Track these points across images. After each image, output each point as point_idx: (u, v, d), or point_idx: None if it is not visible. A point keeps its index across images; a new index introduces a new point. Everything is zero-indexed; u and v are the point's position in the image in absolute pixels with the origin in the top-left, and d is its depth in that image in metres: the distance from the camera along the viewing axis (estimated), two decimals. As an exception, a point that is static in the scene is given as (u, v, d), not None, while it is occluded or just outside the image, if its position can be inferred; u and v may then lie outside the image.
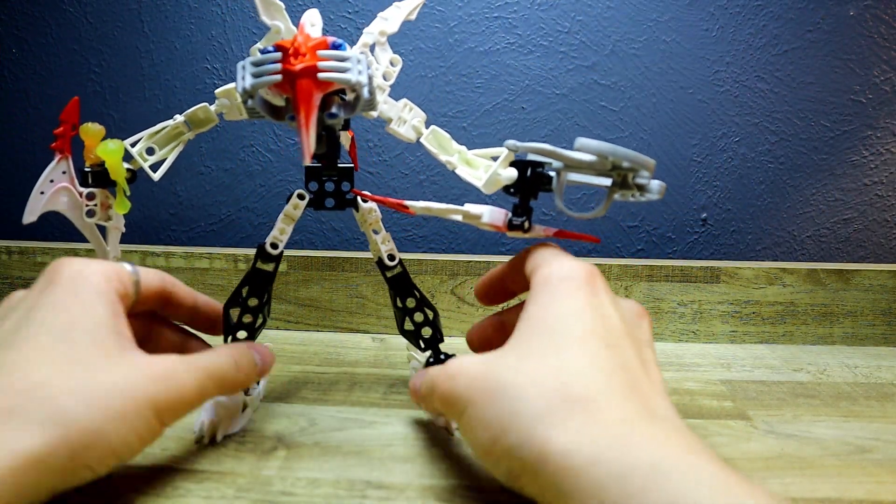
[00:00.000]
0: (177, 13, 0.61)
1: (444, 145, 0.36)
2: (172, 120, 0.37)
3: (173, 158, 0.37)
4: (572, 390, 0.25)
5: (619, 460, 0.22)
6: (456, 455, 0.33)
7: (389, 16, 0.36)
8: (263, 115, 0.30)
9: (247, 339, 0.37)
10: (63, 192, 0.36)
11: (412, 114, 0.36)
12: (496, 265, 0.56)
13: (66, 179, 0.36)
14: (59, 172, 0.36)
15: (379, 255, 0.39)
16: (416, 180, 0.62)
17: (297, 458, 0.33)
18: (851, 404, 0.42)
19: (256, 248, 0.37)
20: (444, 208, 0.33)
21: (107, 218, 0.38)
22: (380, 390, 0.42)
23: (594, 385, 0.25)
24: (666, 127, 0.61)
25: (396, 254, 0.39)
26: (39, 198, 0.35)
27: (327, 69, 0.28)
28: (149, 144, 0.37)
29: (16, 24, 0.63)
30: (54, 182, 0.36)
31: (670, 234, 0.62)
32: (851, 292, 0.55)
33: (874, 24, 0.58)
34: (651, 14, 0.59)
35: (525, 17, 0.60)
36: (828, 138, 0.60)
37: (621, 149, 0.28)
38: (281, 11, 0.32)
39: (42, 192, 0.36)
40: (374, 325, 0.56)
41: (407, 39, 0.60)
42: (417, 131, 0.36)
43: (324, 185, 0.38)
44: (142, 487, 0.29)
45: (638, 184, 0.29)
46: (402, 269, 0.39)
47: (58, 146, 0.36)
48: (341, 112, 0.31)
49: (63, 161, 0.36)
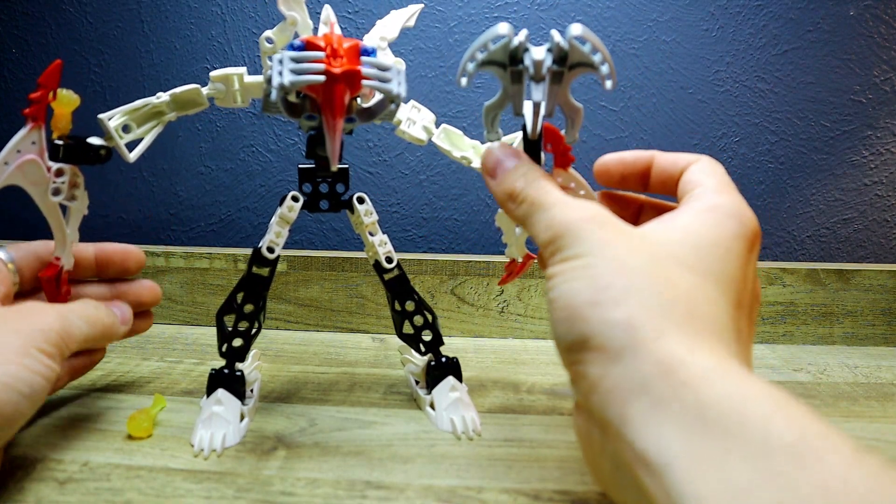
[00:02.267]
0: (177, 13, 0.61)
1: (457, 142, 0.36)
2: (156, 97, 0.34)
3: (151, 139, 0.34)
4: (698, 312, 0.23)
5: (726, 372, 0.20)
6: (456, 455, 0.33)
7: (389, 22, 0.36)
8: (279, 111, 0.30)
9: (242, 348, 0.36)
10: (30, 164, 0.32)
11: (421, 115, 0.36)
12: (496, 265, 0.57)
13: (36, 151, 0.32)
14: (29, 143, 0.32)
15: (376, 257, 0.38)
16: (416, 180, 0.62)
17: (297, 458, 0.33)
18: (851, 404, 0.42)
19: (252, 252, 0.36)
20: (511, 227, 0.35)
21: (72, 198, 0.34)
22: (380, 390, 0.42)
23: (722, 329, 0.23)
24: (666, 127, 0.61)
25: (394, 256, 0.39)
26: (3, 168, 0.31)
27: (371, 76, 0.27)
28: (125, 121, 0.33)
29: (16, 24, 0.63)
30: (21, 153, 0.31)
31: (670, 234, 0.62)
32: (851, 292, 0.55)
33: (874, 24, 0.58)
34: (651, 14, 0.59)
35: (525, 17, 0.60)
36: (828, 138, 0.60)
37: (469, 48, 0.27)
38: (300, 4, 0.32)
39: (6, 163, 0.31)
40: (374, 325, 0.56)
41: (407, 39, 0.60)
42: (428, 131, 0.36)
43: (318, 187, 0.37)
44: (142, 487, 0.29)
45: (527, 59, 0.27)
46: (400, 272, 0.39)
47: (31, 112, 0.31)
48: (358, 119, 0.31)
49: (35, 130, 0.32)
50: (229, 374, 0.35)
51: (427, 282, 0.55)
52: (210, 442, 0.33)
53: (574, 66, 0.27)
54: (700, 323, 0.23)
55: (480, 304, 0.55)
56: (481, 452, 0.34)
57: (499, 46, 0.27)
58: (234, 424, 0.35)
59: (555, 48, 0.26)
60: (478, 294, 0.55)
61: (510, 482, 0.31)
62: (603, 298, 0.22)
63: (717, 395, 0.20)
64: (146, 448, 0.33)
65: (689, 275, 0.24)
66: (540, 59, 0.27)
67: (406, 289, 0.39)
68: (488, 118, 0.29)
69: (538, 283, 0.55)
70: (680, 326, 0.22)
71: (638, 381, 0.21)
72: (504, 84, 0.28)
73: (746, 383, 0.20)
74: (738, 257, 0.25)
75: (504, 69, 0.28)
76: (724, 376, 0.20)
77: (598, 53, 0.26)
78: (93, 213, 0.36)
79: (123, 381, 0.43)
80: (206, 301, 0.56)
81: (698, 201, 0.27)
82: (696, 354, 0.21)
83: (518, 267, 0.38)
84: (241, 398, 0.36)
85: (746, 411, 0.19)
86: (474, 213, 0.63)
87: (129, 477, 0.30)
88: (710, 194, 0.27)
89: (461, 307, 0.55)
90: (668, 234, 0.25)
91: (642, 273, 0.23)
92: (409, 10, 0.37)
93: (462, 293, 0.55)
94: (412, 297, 0.39)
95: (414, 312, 0.39)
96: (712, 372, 0.20)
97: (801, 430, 0.18)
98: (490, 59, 0.27)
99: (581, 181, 0.32)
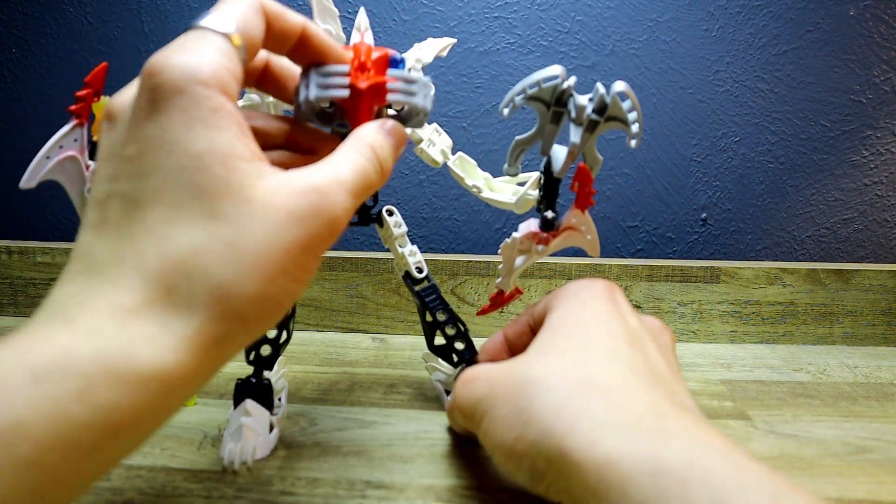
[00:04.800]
0: (177, 13, 0.61)
1: (470, 172, 0.38)
2: None
3: None
4: (595, 379, 0.24)
5: (652, 452, 0.21)
6: (456, 455, 0.33)
7: (425, 47, 0.38)
8: (311, 120, 0.30)
9: (270, 357, 0.36)
10: (70, 161, 0.33)
11: (441, 138, 0.37)
12: (496, 265, 0.57)
13: (77, 148, 0.33)
14: (72, 140, 0.32)
15: (406, 268, 0.38)
16: (416, 180, 0.62)
17: (297, 458, 0.33)
18: (851, 404, 0.42)
19: None
20: (511, 258, 0.35)
21: None
22: (380, 390, 0.42)
23: (618, 375, 0.24)
24: (666, 127, 0.61)
25: (424, 266, 0.38)
26: (44, 163, 0.32)
27: (396, 90, 0.28)
28: None
29: (16, 24, 0.63)
30: (63, 149, 0.32)
31: (670, 234, 0.62)
32: (851, 292, 0.55)
33: (874, 24, 0.58)
34: (651, 14, 0.59)
35: (525, 17, 0.60)
36: (828, 138, 0.60)
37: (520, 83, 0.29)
38: (335, 18, 0.33)
39: (48, 157, 0.32)
40: (374, 325, 0.56)
41: (407, 39, 0.60)
42: (445, 155, 0.37)
43: None
44: (142, 487, 0.29)
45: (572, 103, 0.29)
46: (430, 282, 0.39)
47: (77, 109, 0.32)
48: None
49: (78, 128, 0.32)
50: (257, 384, 0.35)
51: (427, 282, 0.55)
52: (240, 455, 0.32)
53: (609, 119, 0.29)
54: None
55: (480, 303, 0.55)
56: (481, 452, 0.34)
57: (549, 86, 0.29)
58: (263, 436, 0.33)
59: (597, 99, 0.28)
60: (478, 294, 0.55)
61: (510, 482, 0.31)
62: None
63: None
64: (146, 448, 0.33)
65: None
66: (583, 105, 0.29)
67: (438, 299, 0.39)
68: (514, 152, 0.31)
69: (538, 282, 0.55)
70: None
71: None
72: (541, 122, 0.30)
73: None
74: (610, 314, 0.28)
75: (547, 108, 0.30)
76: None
77: (634, 112, 0.28)
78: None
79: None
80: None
81: (553, 303, 0.30)
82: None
83: (504, 299, 0.39)
84: (270, 408, 0.35)
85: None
86: (474, 213, 0.63)
87: (130, 477, 0.30)
88: (557, 291, 0.30)
89: (461, 307, 0.55)
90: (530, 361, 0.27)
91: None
92: (444, 42, 0.39)
93: (462, 293, 0.55)
94: (444, 307, 0.39)
95: (445, 322, 0.38)
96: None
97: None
98: (537, 96, 0.29)
99: (591, 225, 0.33)
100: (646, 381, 0.24)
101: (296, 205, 0.21)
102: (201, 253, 0.20)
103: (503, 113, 0.29)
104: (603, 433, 0.22)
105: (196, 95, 0.21)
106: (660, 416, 0.22)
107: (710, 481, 0.19)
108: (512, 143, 0.31)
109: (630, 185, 0.62)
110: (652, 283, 0.55)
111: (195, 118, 0.21)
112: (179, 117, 0.21)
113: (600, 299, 0.28)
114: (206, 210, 0.20)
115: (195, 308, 0.20)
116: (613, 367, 0.25)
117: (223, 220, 0.20)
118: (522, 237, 0.33)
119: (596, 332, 0.27)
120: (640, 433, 0.21)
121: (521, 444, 0.24)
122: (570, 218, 0.32)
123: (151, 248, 0.20)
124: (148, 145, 0.21)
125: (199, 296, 0.20)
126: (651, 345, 0.27)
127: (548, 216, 0.32)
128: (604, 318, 0.27)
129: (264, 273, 0.21)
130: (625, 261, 0.56)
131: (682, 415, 0.23)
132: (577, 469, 0.22)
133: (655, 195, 0.62)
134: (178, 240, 0.20)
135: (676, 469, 0.20)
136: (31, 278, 0.57)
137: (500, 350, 0.34)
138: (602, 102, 0.29)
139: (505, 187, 0.37)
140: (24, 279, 0.58)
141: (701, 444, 0.21)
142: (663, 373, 0.26)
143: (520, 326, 0.34)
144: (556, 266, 0.55)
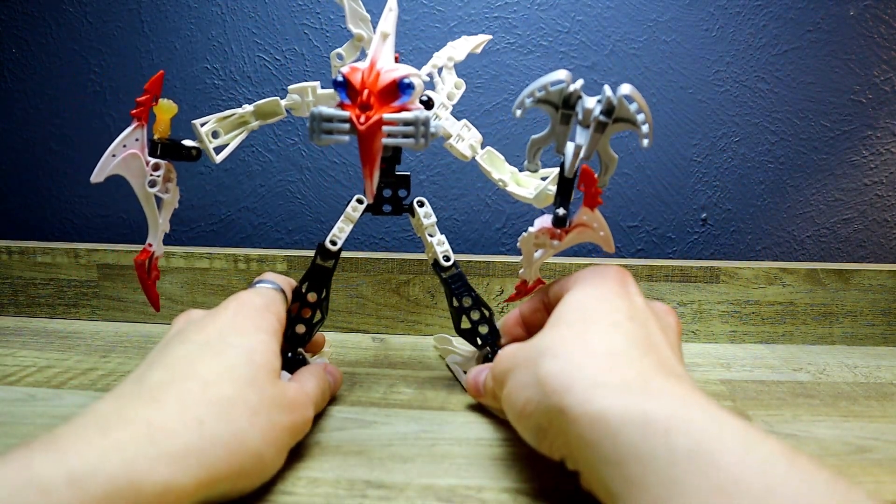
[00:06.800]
0: (177, 13, 0.61)
1: (498, 166, 0.39)
2: (241, 108, 0.39)
3: (235, 145, 0.39)
4: (594, 347, 0.27)
5: (638, 407, 0.23)
6: (455, 455, 0.33)
7: (458, 45, 0.39)
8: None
9: (305, 335, 0.39)
10: (133, 158, 0.37)
11: (470, 133, 0.38)
12: (496, 265, 0.57)
13: (138, 147, 0.37)
14: (133, 139, 0.37)
15: (435, 256, 0.40)
16: (416, 180, 0.62)
17: (296, 457, 0.33)
18: (851, 404, 0.42)
19: (317, 246, 0.38)
20: (530, 251, 0.37)
21: (165, 191, 0.39)
22: (380, 390, 0.42)
23: (615, 344, 0.27)
24: (666, 127, 0.61)
25: (451, 255, 0.40)
26: (111, 160, 0.36)
27: (393, 134, 0.30)
28: (214, 127, 0.38)
29: (16, 24, 0.63)
30: (127, 147, 0.37)
31: (670, 234, 0.63)
32: (851, 292, 0.55)
33: (874, 24, 0.58)
34: (651, 14, 0.59)
35: (525, 17, 0.60)
36: (828, 138, 0.60)
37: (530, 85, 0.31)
38: (367, 22, 0.35)
39: (114, 155, 0.36)
40: (374, 325, 0.56)
41: (407, 39, 0.60)
42: (474, 150, 0.38)
43: (381, 192, 0.40)
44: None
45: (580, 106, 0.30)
46: (457, 270, 0.40)
47: (138, 113, 0.37)
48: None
49: (139, 129, 0.37)
50: (292, 358, 0.38)
51: (427, 281, 0.55)
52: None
53: (618, 121, 0.30)
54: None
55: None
56: (481, 452, 0.34)
57: (556, 90, 0.30)
58: None
59: (605, 101, 0.30)
60: (478, 294, 0.55)
61: (510, 482, 0.31)
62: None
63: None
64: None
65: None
66: (590, 108, 0.30)
67: (464, 285, 0.40)
68: (532, 150, 0.33)
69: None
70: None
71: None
72: (553, 123, 0.31)
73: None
74: (617, 295, 0.30)
75: (556, 110, 0.31)
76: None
77: (642, 114, 0.30)
78: (93, 213, 0.37)
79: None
80: (207, 301, 0.56)
81: (569, 286, 0.32)
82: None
83: (528, 288, 0.41)
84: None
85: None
86: (474, 213, 0.63)
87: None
88: (573, 276, 0.33)
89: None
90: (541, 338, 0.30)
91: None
92: (479, 39, 0.40)
93: (462, 293, 0.55)
94: (470, 293, 0.40)
95: (471, 308, 0.40)
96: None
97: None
98: (545, 99, 0.31)
99: (602, 222, 0.34)
100: (640, 349, 0.27)
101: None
102: (235, 402, 0.28)
103: (516, 114, 0.31)
104: (596, 392, 0.24)
105: (256, 316, 0.33)
106: (649, 379, 0.25)
107: (691, 430, 0.21)
108: (528, 141, 0.32)
109: (630, 185, 0.62)
110: (652, 283, 0.55)
111: (249, 327, 0.32)
112: (244, 324, 0.32)
113: (611, 281, 0.31)
114: (247, 379, 0.29)
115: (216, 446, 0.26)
116: (613, 336, 0.27)
117: (252, 388, 0.29)
118: (537, 231, 0.35)
119: (602, 307, 0.29)
120: (629, 392, 0.24)
121: (530, 405, 0.27)
122: (580, 216, 0.34)
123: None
124: (216, 331, 0.31)
125: (223, 434, 0.26)
126: (653, 323, 0.30)
127: (559, 213, 0.33)
128: (611, 296, 0.30)
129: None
130: (625, 261, 0.56)
131: (670, 379, 0.25)
132: (574, 424, 0.24)
133: (655, 195, 0.62)
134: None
135: (660, 420, 0.22)
136: (31, 278, 0.57)
137: (515, 325, 0.39)
138: (609, 105, 0.29)
139: (530, 181, 0.38)
140: (24, 279, 0.58)
141: (682, 400, 0.23)
142: (658, 344, 0.28)
143: (534, 304, 0.37)
144: (557, 266, 0.55)
